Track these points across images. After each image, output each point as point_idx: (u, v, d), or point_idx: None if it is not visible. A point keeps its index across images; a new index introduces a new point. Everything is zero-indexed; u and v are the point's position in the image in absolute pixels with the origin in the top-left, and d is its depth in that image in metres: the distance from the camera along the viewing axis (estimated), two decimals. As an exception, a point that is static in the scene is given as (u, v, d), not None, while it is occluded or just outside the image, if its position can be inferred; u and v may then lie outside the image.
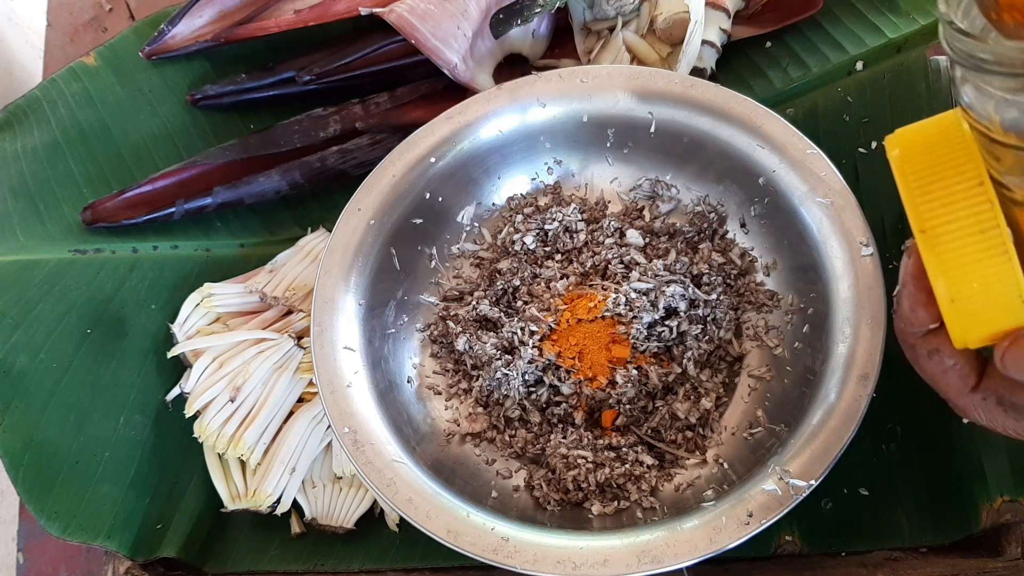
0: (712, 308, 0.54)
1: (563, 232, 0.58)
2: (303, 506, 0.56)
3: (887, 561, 0.51)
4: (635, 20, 0.64)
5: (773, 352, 0.53)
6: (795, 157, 0.53)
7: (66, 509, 0.55)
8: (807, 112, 0.62)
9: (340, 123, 0.65)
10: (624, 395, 0.52)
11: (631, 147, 0.58)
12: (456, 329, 0.56)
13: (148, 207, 0.63)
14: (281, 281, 0.60)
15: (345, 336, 0.52)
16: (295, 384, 0.57)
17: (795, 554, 0.52)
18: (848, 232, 0.50)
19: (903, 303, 0.40)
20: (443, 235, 0.59)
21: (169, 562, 0.56)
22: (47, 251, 0.62)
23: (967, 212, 0.36)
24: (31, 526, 0.61)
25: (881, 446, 0.53)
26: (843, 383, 0.47)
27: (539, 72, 0.59)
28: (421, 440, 0.52)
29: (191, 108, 0.67)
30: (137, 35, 0.69)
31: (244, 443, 0.54)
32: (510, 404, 0.54)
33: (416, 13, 0.60)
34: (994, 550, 0.50)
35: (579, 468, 0.51)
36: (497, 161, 0.59)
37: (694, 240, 0.57)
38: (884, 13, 0.62)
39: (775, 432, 0.49)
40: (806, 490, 0.44)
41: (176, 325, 0.59)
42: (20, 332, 0.58)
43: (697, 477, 0.50)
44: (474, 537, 0.46)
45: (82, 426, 0.57)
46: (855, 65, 0.62)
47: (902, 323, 0.41)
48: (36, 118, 0.66)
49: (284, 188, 0.64)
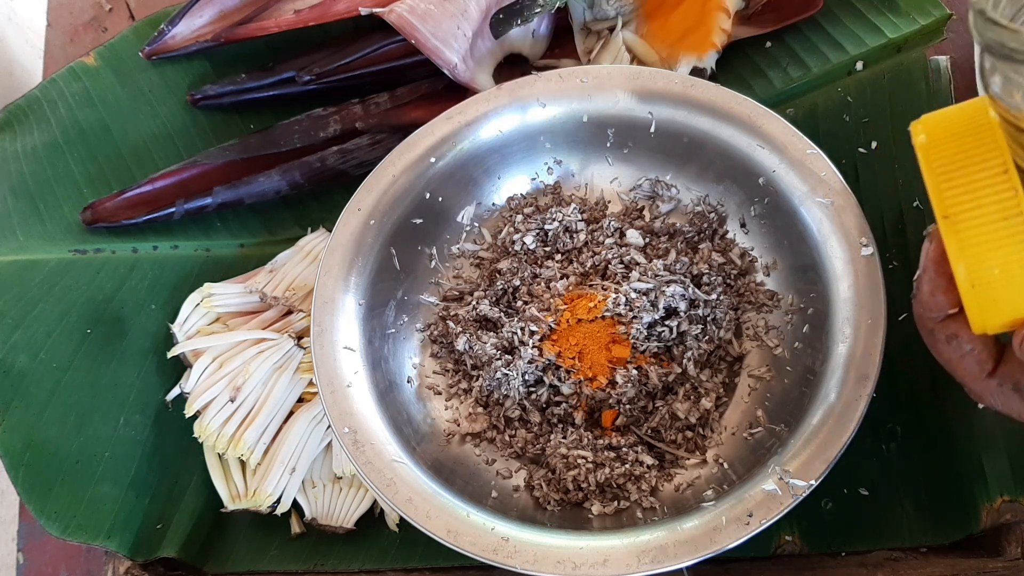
0: (712, 308, 0.54)
1: (563, 232, 0.58)
2: (303, 506, 0.56)
3: (887, 561, 0.51)
4: (635, 20, 0.64)
5: (773, 352, 0.53)
6: (795, 157, 0.53)
7: (66, 509, 0.55)
8: (807, 112, 0.62)
9: (340, 123, 0.65)
10: (624, 395, 0.52)
11: (631, 147, 0.58)
12: (456, 329, 0.56)
13: (148, 207, 0.63)
14: (281, 281, 0.60)
15: (345, 336, 0.52)
16: (295, 384, 0.57)
17: (795, 554, 0.52)
18: (848, 232, 0.50)
19: (923, 288, 0.40)
20: (443, 235, 0.59)
21: (169, 562, 0.56)
22: (47, 251, 0.62)
23: (991, 199, 0.36)
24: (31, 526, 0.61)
25: (881, 446, 0.53)
26: (843, 383, 0.47)
27: (539, 72, 0.59)
28: (421, 440, 0.52)
29: (191, 108, 0.67)
30: (137, 35, 0.69)
31: (244, 443, 0.54)
32: (510, 404, 0.54)
33: (416, 13, 0.60)
34: (994, 550, 0.50)
35: (579, 468, 0.51)
36: (497, 161, 0.59)
37: (694, 240, 0.57)
38: (884, 13, 0.62)
39: (775, 432, 0.49)
40: (806, 490, 0.44)
41: (176, 325, 0.59)
42: (20, 332, 0.58)
43: (697, 477, 0.50)
44: (474, 537, 0.46)
45: (82, 426, 0.57)
46: (855, 65, 0.62)
47: (921, 308, 0.41)
48: (36, 118, 0.66)
49: (284, 188, 0.64)
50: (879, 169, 0.59)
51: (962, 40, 0.65)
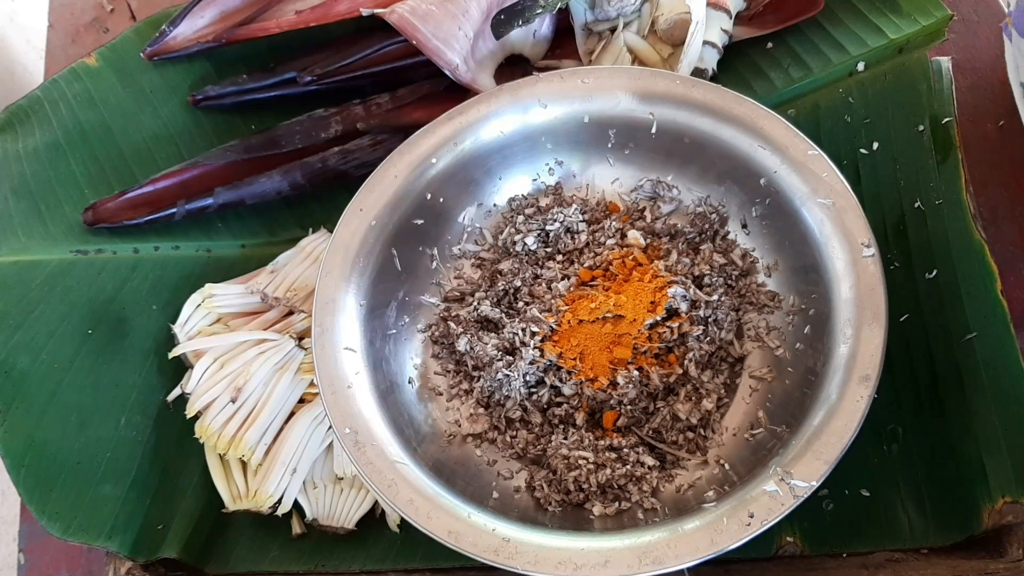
0: (713, 309, 0.54)
1: (564, 233, 0.58)
2: (304, 507, 0.56)
3: (888, 562, 0.50)
4: (636, 21, 0.64)
5: (774, 353, 0.53)
6: (796, 158, 0.52)
7: (67, 510, 0.55)
8: (808, 113, 0.62)
9: (341, 124, 0.65)
10: (625, 396, 0.52)
11: (632, 148, 0.58)
12: (457, 330, 0.56)
13: (149, 207, 0.63)
14: (282, 282, 0.60)
15: (346, 337, 0.52)
16: (296, 385, 0.57)
17: (796, 555, 0.52)
18: (849, 233, 0.50)
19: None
20: (444, 236, 0.59)
21: (170, 563, 0.56)
22: (48, 252, 0.62)
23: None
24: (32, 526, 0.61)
25: (882, 447, 0.53)
26: (844, 384, 0.47)
27: (540, 73, 0.59)
28: (422, 441, 0.52)
29: (192, 109, 0.68)
30: (138, 36, 0.69)
31: (245, 444, 0.54)
32: (511, 405, 0.54)
33: (417, 14, 0.60)
34: (995, 551, 0.50)
35: (580, 469, 0.51)
36: (498, 162, 0.59)
37: (695, 241, 0.57)
38: (885, 14, 0.62)
39: (776, 433, 0.49)
40: (807, 491, 0.44)
41: (177, 326, 0.59)
42: (21, 333, 0.58)
43: (698, 478, 0.50)
44: (475, 538, 0.46)
45: (83, 427, 0.57)
46: (856, 66, 0.62)
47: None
48: (37, 119, 0.66)
49: (285, 189, 0.64)
50: (880, 170, 0.59)
51: (963, 41, 0.65)
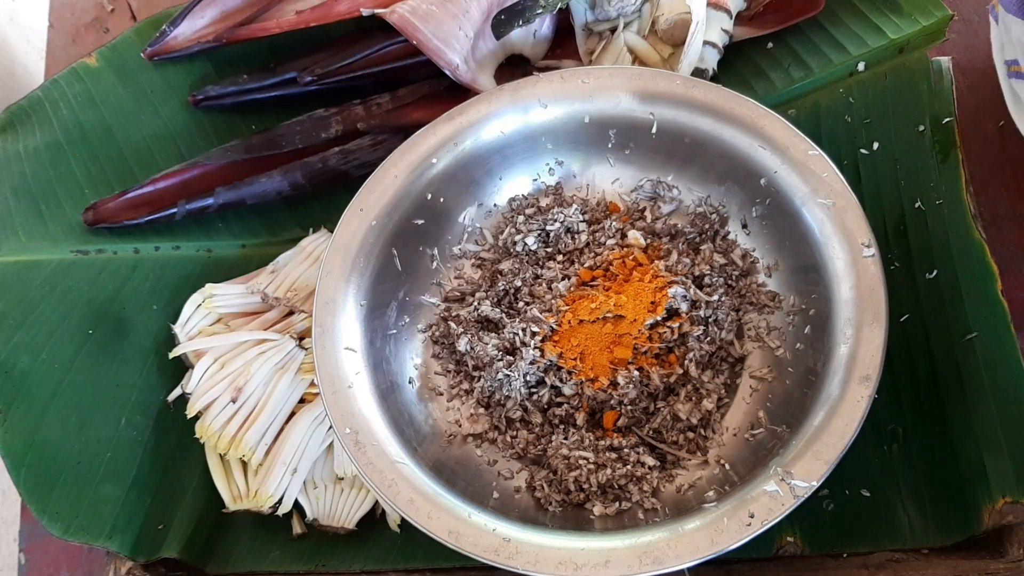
0: (714, 309, 0.54)
1: (565, 233, 0.58)
2: (304, 507, 0.56)
3: (889, 562, 0.50)
4: (637, 21, 0.64)
5: (775, 353, 0.53)
6: (797, 158, 0.52)
7: (67, 510, 0.55)
8: (809, 113, 0.62)
9: (342, 124, 0.65)
10: (625, 396, 0.52)
11: (633, 148, 0.58)
12: (458, 330, 0.56)
13: (150, 208, 0.63)
14: (283, 282, 0.60)
15: (347, 337, 0.52)
16: (296, 385, 0.57)
17: (796, 555, 0.52)
18: (850, 233, 0.50)
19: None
20: (445, 236, 0.59)
21: (170, 563, 0.56)
22: (49, 252, 0.62)
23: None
24: (33, 526, 0.61)
25: (883, 447, 0.53)
26: (845, 384, 0.47)
27: (540, 73, 0.59)
28: (423, 441, 0.52)
29: (193, 109, 0.68)
30: (139, 36, 0.69)
31: (245, 444, 0.54)
32: (512, 405, 0.54)
33: (418, 14, 0.60)
34: (996, 551, 0.50)
35: (581, 469, 0.51)
36: (499, 162, 0.59)
37: (696, 241, 0.57)
38: (886, 14, 0.62)
39: (776, 433, 0.49)
40: (807, 491, 0.44)
41: (178, 326, 0.59)
42: (22, 333, 0.58)
43: (699, 478, 0.50)
44: (476, 538, 0.46)
45: (83, 427, 0.57)
46: (857, 66, 0.62)
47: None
48: (38, 119, 0.66)
49: (286, 189, 0.64)
50: (881, 170, 0.58)
51: (964, 41, 0.65)
